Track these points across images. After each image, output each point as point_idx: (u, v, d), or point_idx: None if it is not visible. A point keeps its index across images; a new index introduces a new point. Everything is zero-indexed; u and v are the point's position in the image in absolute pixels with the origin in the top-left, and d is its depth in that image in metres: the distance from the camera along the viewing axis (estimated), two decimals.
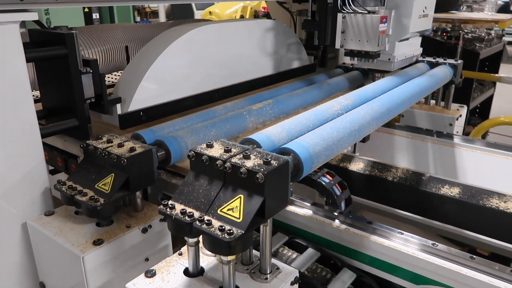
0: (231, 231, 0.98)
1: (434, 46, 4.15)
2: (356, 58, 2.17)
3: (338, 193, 1.88)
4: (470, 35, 4.83)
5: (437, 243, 1.51)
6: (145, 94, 1.85)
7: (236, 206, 1.03)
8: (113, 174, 1.36)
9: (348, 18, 2.09)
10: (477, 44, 4.61)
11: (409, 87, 2.13)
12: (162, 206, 1.08)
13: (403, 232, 1.55)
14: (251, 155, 1.10)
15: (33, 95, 1.51)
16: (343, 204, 1.85)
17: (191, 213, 1.05)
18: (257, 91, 2.34)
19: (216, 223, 1.02)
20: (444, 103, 2.85)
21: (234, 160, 1.08)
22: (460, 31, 4.22)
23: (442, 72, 2.52)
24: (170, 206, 1.08)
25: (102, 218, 1.41)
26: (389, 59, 2.28)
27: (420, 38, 2.52)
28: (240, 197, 1.05)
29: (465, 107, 2.89)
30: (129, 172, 1.34)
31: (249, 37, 2.33)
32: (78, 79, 1.62)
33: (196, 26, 2.06)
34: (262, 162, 1.06)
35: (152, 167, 1.43)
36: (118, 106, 1.81)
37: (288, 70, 2.65)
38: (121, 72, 2.74)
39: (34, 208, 1.50)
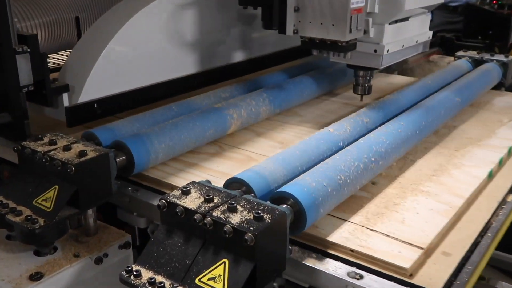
0: None
1: (482, 17, 4.16)
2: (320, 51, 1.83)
3: None
4: None
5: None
6: (101, 81, 1.84)
7: (219, 275, 1.05)
8: (56, 187, 1.34)
9: None
10: None
11: (442, 100, 1.99)
12: (124, 272, 1.09)
13: None
14: (237, 206, 1.12)
15: None
16: None
17: (162, 283, 1.06)
18: (246, 77, 2.34)
19: None
20: None
21: (216, 213, 1.09)
22: None
23: (487, 75, 2.46)
24: (135, 273, 1.09)
25: (42, 245, 1.39)
26: (375, 51, 1.88)
27: (429, 17, 2.20)
28: (224, 262, 1.06)
29: None
30: (78, 183, 1.33)
31: (237, 8, 2.32)
32: (11, 60, 1.61)
33: None
34: (252, 217, 1.07)
35: (109, 177, 1.42)
36: (65, 96, 1.79)
37: (285, 50, 2.64)
38: (69, 52, 2.73)
39: None
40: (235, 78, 2.34)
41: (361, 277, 1.16)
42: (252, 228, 1.04)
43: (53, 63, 2.69)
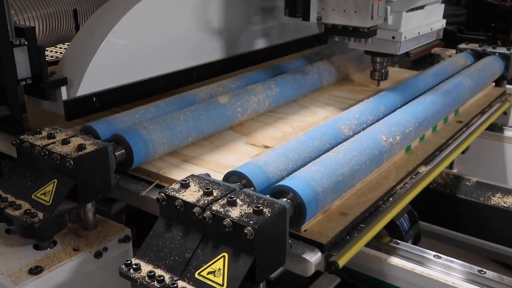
0: None
1: (484, 10, 4.17)
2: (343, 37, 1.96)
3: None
4: None
5: (485, 270, 1.54)
6: (100, 74, 1.84)
7: (219, 268, 1.07)
8: (55, 181, 1.35)
9: None
10: None
11: (441, 97, 1.99)
12: (124, 266, 1.11)
13: (440, 255, 1.57)
14: (237, 200, 1.13)
15: None
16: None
17: (162, 277, 1.07)
18: (249, 69, 2.34)
19: None
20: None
21: (215, 207, 1.11)
22: None
23: (488, 69, 2.47)
24: (134, 266, 1.11)
25: (42, 239, 1.40)
26: (393, 38, 2.05)
27: (443, 5, 2.38)
28: (224, 256, 1.08)
29: None
30: (77, 177, 1.34)
31: None
32: (8, 53, 1.61)
33: None
34: (251, 211, 1.09)
35: (108, 171, 1.43)
36: (63, 89, 1.80)
37: (291, 41, 2.65)
38: (67, 45, 2.72)
39: None
40: (236, 70, 2.33)
41: None
42: (251, 222, 1.05)
43: (51, 56, 2.70)
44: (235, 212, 1.09)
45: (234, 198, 1.13)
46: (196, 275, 1.07)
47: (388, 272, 1.56)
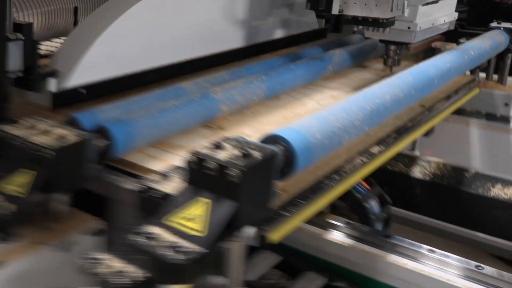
0: (187, 249, 0.95)
1: (486, 7, 4.19)
2: (361, 27, 2.19)
3: (375, 211, 1.86)
4: None
5: (482, 265, 1.51)
6: (90, 67, 1.83)
7: (200, 215, 1.02)
8: (32, 172, 1.31)
9: None
10: None
11: (447, 59, 2.12)
12: (86, 259, 1.03)
13: (434, 249, 1.54)
14: (225, 144, 1.09)
15: None
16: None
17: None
18: (243, 62, 2.32)
19: (165, 237, 0.98)
20: (498, 76, 2.85)
21: (203, 151, 1.06)
22: None
23: (494, 40, 2.55)
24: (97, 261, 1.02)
25: (9, 231, 1.33)
26: (409, 28, 2.24)
27: (455, 0, 2.57)
28: (205, 202, 1.03)
29: None
30: (56, 168, 1.30)
31: None
32: (2, 46, 1.59)
33: None
34: (240, 154, 1.05)
35: (89, 162, 1.38)
36: (52, 81, 1.78)
37: (288, 36, 2.65)
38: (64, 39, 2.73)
39: None
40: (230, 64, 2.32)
41: None
42: (238, 165, 1.01)
43: (47, 50, 2.70)
44: (222, 155, 1.05)
45: (222, 142, 1.10)
46: (170, 221, 1.02)
47: (385, 270, 1.53)
